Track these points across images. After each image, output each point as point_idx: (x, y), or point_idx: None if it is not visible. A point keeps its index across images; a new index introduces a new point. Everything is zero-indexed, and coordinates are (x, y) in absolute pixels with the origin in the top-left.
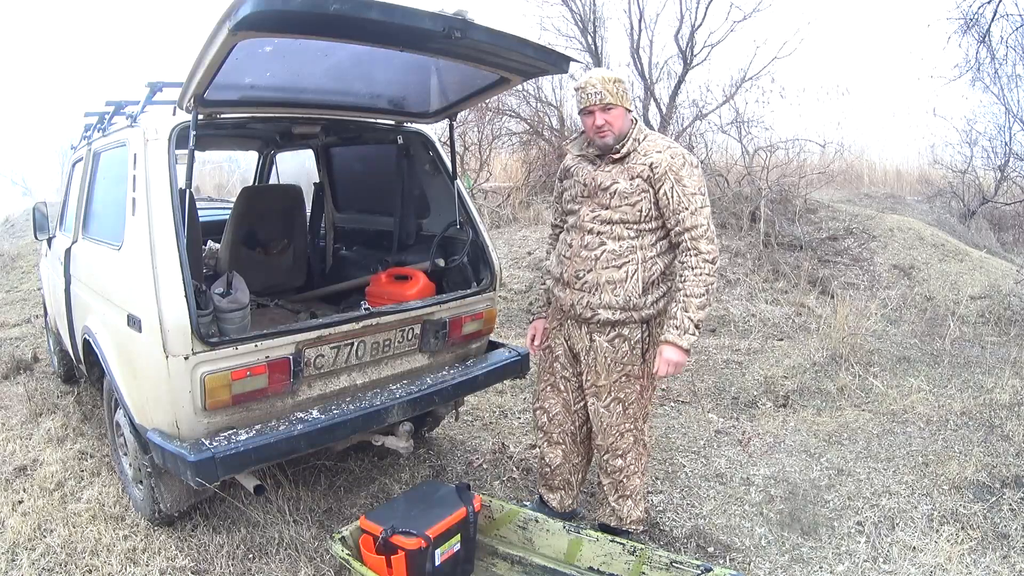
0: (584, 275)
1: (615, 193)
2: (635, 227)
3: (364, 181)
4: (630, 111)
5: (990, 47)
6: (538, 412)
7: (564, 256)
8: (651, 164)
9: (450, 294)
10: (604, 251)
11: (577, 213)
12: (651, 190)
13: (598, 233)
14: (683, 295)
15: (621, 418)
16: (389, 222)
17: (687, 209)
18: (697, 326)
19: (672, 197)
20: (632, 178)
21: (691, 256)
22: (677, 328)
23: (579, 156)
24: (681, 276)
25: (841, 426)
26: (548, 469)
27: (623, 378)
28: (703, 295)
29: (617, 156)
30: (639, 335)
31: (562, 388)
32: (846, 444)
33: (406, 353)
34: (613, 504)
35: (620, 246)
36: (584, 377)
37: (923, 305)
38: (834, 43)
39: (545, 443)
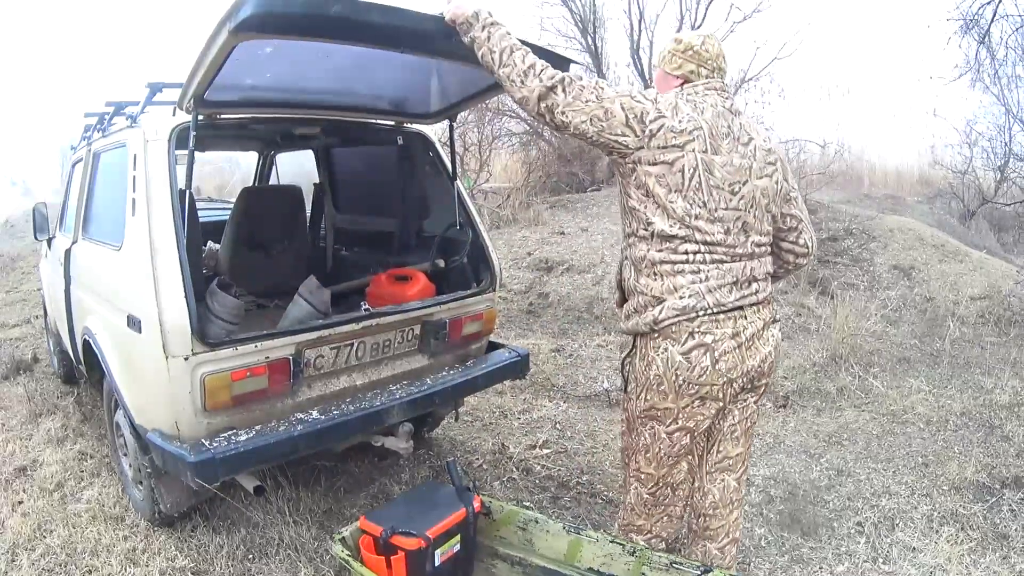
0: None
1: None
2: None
3: (364, 182)
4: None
5: (990, 48)
6: None
7: None
8: None
9: (450, 295)
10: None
11: None
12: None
13: None
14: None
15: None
16: (389, 223)
17: None
18: (487, 27)
19: None
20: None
21: None
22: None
23: None
24: None
25: (841, 427)
26: None
27: (622, 410)
28: (514, 57)
29: None
30: (623, 356)
31: None
32: (846, 445)
33: (406, 354)
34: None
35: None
36: None
37: (923, 306)
38: (834, 44)
39: None
